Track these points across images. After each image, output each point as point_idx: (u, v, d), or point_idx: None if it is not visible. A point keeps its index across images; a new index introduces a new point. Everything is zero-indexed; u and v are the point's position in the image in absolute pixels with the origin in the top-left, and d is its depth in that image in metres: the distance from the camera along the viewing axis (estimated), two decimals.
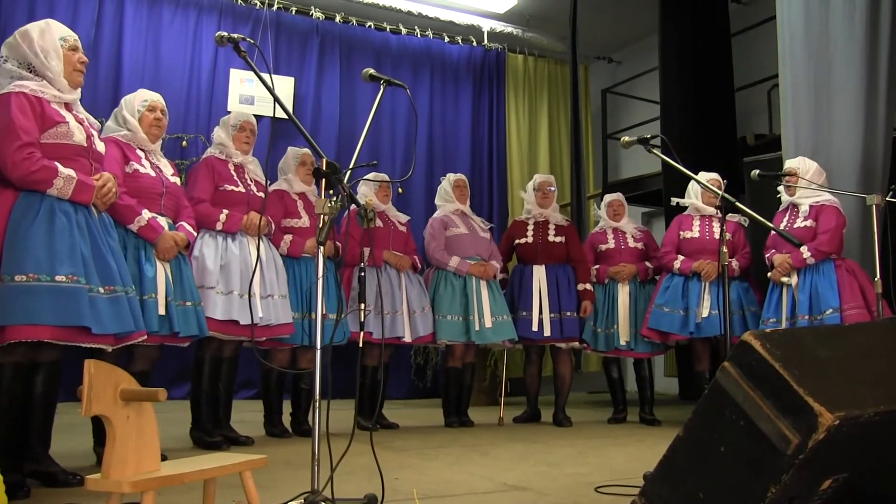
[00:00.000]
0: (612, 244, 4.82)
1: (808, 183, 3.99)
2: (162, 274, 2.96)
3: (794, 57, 4.55)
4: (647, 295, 4.72)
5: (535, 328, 4.50)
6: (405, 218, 4.58)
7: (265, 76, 2.20)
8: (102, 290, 2.48)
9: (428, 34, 7.05)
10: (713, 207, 4.44)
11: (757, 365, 1.52)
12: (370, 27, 6.82)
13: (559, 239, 4.68)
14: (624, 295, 4.68)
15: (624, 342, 4.62)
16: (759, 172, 3.76)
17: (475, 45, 7.33)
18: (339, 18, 6.66)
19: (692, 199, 4.60)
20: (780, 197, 4.22)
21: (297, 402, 4.00)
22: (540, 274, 4.61)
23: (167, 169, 3.20)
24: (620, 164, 7.86)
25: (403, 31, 6.98)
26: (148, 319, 2.80)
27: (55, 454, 2.61)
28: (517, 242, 4.77)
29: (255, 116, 3.91)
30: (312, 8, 6.57)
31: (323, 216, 2.07)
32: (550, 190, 4.77)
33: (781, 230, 3.82)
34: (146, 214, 2.94)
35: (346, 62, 6.69)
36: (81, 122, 2.64)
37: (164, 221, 3.05)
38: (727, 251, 4.25)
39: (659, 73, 6.22)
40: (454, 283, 4.44)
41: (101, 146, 2.73)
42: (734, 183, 4.71)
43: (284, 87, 6.25)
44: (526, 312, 4.55)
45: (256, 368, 4.86)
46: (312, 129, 6.29)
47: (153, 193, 3.05)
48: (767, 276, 4.11)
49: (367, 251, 4.19)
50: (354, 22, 6.76)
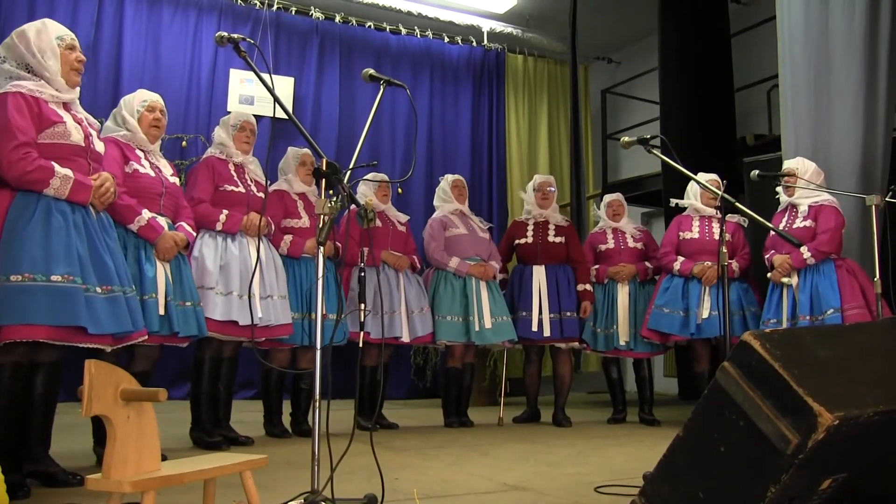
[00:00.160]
0: (611, 244, 4.82)
1: (806, 183, 3.99)
2: (162, 274, 2.96)
3: (793, 57, 4.55)
4: (646, 295, 4.72)
5: (534, 328, 4.50)
6: (405, 218, 4.58)
7: (265, 76, 2.20)
8: (100, 289, 2.47)
9: (428, 34, 7.05)
10: (712, 208, 4.44)
11: (757, 365, 1.52)
12: (370, 27, 6.82)
13: (559, 239, 4.69)
14: (623, 295, 4.69)
15: (623, 342, 4.62)
16: (758, 173, 3.76)
17: (475, 45, 7.33)
18: (338, 18, 6.67)
19: (691, 199, 4.61)
20: (778, 197, 4.22)
21: (296, 402, 4.00)
22: (540, 274, 4.61)
23: (166, 169, 3.20)
24: (620, 164, 7.86)
25: (403, 31, 6.98)
26: (148, 319, 2.80)
27: (55, 454, 2.61)
28: (517, 243, 4.77)
29: (255, 116, 3.91)
30: (312, 8, 6.56)
31: (323, 216, 2.07)
32: (550, 190, 4.77)
33: (781, 230, 3.83)
34: (146, 214, 2.94)
35: (345, 62, 6.69)
36: (80, 121, 2.64)
37: (163, 221, 3.04)
38: (727, 252, 4.32)
39: (658, 73, 6.22)
40: (454, 283, 4.44)
41: (99, 146, 2.72)
42: (734, 183, 4.71)
43: (284, 87, 6.25)
44: (526, 313, 4.55)
45: (256, 368, 4.86)
46: (312, 129, 6.29)
47: (153, 193, 3.05)
48: (767, 276, 4.11)
49: (365, 251, 4.20)
50: (354, 22, 6.76)
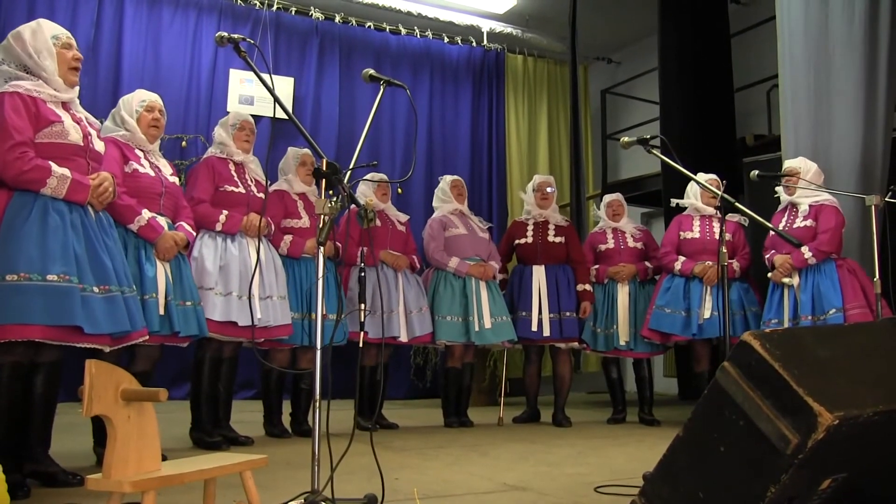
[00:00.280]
0: (611, 244, 4.82)
1: (807, 183, 4.00)
2: (162, 274, 2.96)
3: (793, 58, 4.55)
4: (646, 295, 4.72)
5: (534, 328, 4.50)
6: (405, 217, 4.58)
7: (265, 76, 2.20)
8: (97, 289, 2.46)
9: (427, 34, 7.05)
10: (713, 207, 4.44)
11: (757, 365, 1.52)
12: (370, 27, 6.83)
13: (559, 239, 4.69)
14: (623, 295, 4.69)
15: (623, 342, 4.62)
16: (758, 173, 3.77)
17: (475, 45, 7.33)
18: (338, 19, 6.67)
19: (691, 199, 4.60)
20: (778, 197, 4.22)
21: (296, 402, 4.00)
22: (539, 274, 4.61)
23: (166, 169, 3.19)
24: (620, 164, 7.86)
25: (403, 31, 6.98)
26: (148, 319, 2.80)
27: (55, 454, 2.61)
28: (517, 243, 4.77)
29: (254, 117, 3.91)
30: (312, 8, 6.56)
31: (323, 216, 2.07)
32: (549, 191, 4.77)
33: (780, 230, 3.83)
34: (146, 214, 2.94)
35: (345, 62, 6.70)
36: (79, 121, 2.63)
37: (163, 221, 3.04)
38: (727, 251, 4.32)
39: (658, 73, 6.22)
40: (453, 283, 4.44)
41: (99, 145, 2.71)
42: (733, 183, 4.71)
43: (284, 87, 6.25)
44: (525, 312, 4.55)
45: (256, 369, 4.86)
46: (312, 129, 6.29)
47: (152, 193, 3.05)
48: (768, 276, 4.11)
49: (364, 251, 4.20)
50: (354, 22, 6.76)
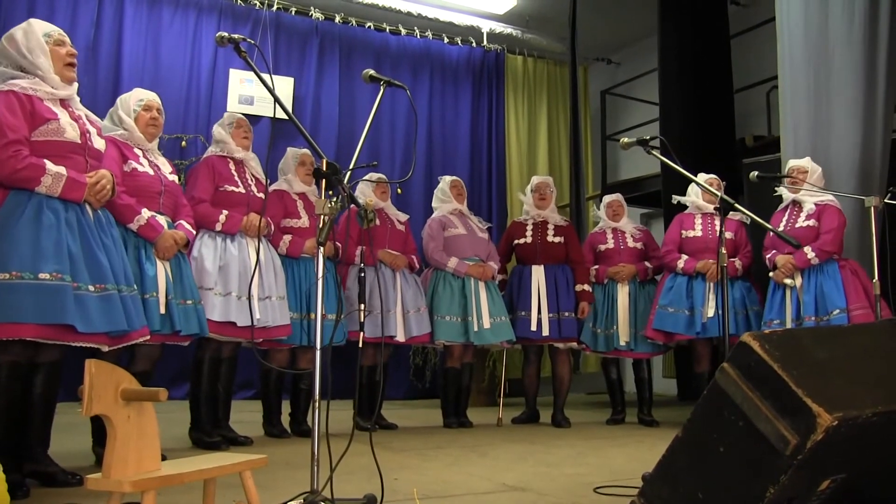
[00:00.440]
0: (611, 244, 4.82)
1: (810, 185, 4.00)
2: (162, 273, 2.95)
3: (792, 59, 4.56)
4: (646, 295, 4.72)
5: (533, 328, 4.51)
6: (404, 217, 4.58)
7: (265, 76, 2.20)
8: (92, 288, 2.44)
9: (427, 35, 7.06)
10: (714, 205, 4.43)
11: (756, 366, 1.53)
12: (370, 28, 6.83)
13: (558, 239, 4.69)
14: (623, 295, 4.68)
15: (624, 342, 4.61)
16: (757, 174, 3.77)
17: (475, 45, 7.33)
18: (338, 19, 6.67)
19: (693, 197, 4.58)
20: (778, 195, 4.22)
21: (296, 402, 4.00)
22: (539, 274, 4.61)
23: (165, 167, 3.19)
24: (619, 165, 7.87)
25: (403, 31, 6.98)
26: (149, 318, 2.79)
27: (54, 454, 2.61)
28: (516, 243, 4.78)
29: (255, 117, 3.92)
30: (312, 8, 6.56)
31: (323, 216, 2.07)
32: (548, 192, 4.78)
33: (780, 231, 3.83)
34: (146, 213, 2.94)
35: (345, 63, 6.70)
36: (77, 118, 2.62)
37: (162, 220, 3.04)
38: (727, 252, 4.31)
39: (658, 74, 6.22)
40: (453, 283, 4.44)
41: (99, 143, 2.70)
42: (733, 184, 4.71)
43: (284, 87, 6.25)
44: (525, 312, 4.55)
45: (255, 369, 4.86)
46: (312, 129, 6.29)
47: (152, 192, 3.04)
48: (770, 275, 4.10)
49: (361, 250, 4.20)
50: (354, 22, 6.76)
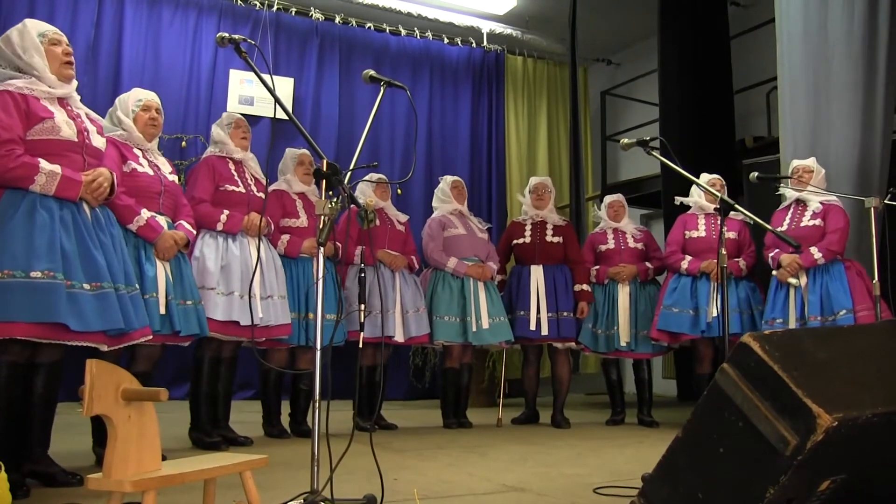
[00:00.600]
0: (612, 244, 4.82)
1: (814, 185, 4.01)
2: (162, 273, 2.95)
3: (792, 59, 4.56)
4: (647, 295, 4.72)
5: (532, 328, 4.51)
6: (404, 217, 4.58)
7: (265, 77, 2.20)
8: (88, 286, 2.41)
9: (427, 35, 7.06)
10: (715, 206, 4.42)
11: (756, 366, 1.53)
12: (370, 28, 6.83)
13: (557, 239, 4.69)
14: (624, 296, 4.68)
15: (624, 343, 4.60)
16: (757, 175, 3.78)
17: (475, 46, 7.33)
18: (338, 19, 6.67)
19: (695, 197, 4.55)
20: (780, 194, 4.21)
21: (295, 402, 4.00)
22: (538, 274, 4.61)
23: (165, 167, 3.19)
24: (619, 165, 7.87)
25: (403, 32, 6.98)
26: (149, 319, 2.78)
27: (54, 454, 2.61)
28: (515, 242, 4.78)
29: (254, 117, 3.92)
30: (312, 9, 6.57)
31: (323, 217, 2.07)
32: (546, 192, 4.78)
33: (779, 231, 3.83)
34: (145, 214, 2.93)
35: (345, 63, 6.70)
36: (75, 117, 2.61)
37: (162, 220, 3.03)
38: (731, 252, 4.32)
39: (658, 75, 6.22)
40: (452, 283, 4.44)
41: (99, 141, 2.68)
42: (733, 185, 4.71)
43: (284, 87, 6.25)
44: (524, 312, 4.55)
45: (255, 369, 4.85)
46: (312, 129, 6.28)
47: (151, 192, 3.04)
48: (773, 274, 4.08)
49: (360, 250, 4.20)
50: (354, 23, 6.77)
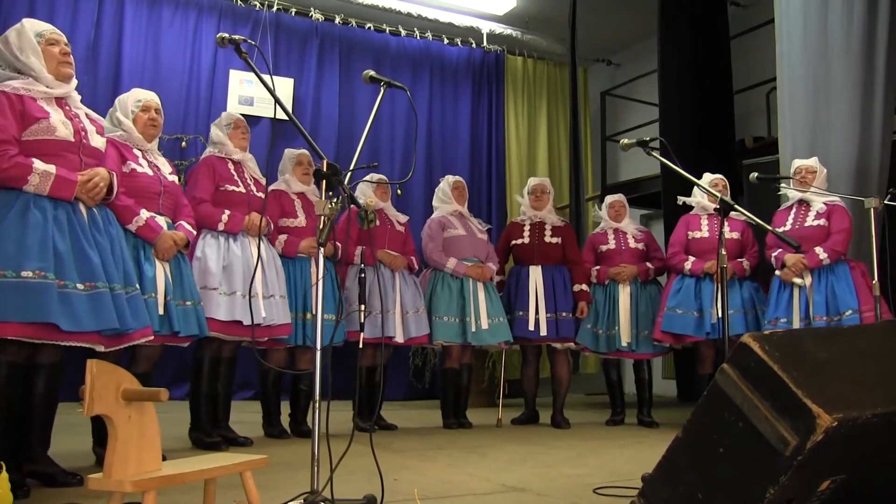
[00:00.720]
0: (612, 245, 4.81)
1: (817, 186, 4.01)
2: (161, 273, 2.95)
3: (792, 60, 4.56)
4: (648, 296, 4.71)
5: (531, 328, 4.51)
6: (404, 218, 4.58)
7: (266, 77, 2.20)
8: (81, 286, 2.39)
9: (427, 36, 7.06)
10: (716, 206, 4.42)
11: (756, 366, 1.53)
12: (370, 29, 6.83)
13: (555, 240, 4.69)
14: (625, 296, 4.67)
15: (625, 343, 4.60)
16: (757, 175, 3.78)
17: (474, 46, 7.33)
18: (338, 20, 6.67)
19: (698, 197, 4.53)
20: (781, 195, 4.21)
21: (295, 402, 4.00)
22: (536, 274, 4.61)
23: (165, 167, 3.18)
24: (619, 166, 7.87)
25: (403, 32, 6.98)
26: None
27: (54, 454, 2.61)
28: (514, 243, 4.78)
29: (254, 118, 3.92)
30: (312, 9, 6.57)
31: (323, 217, 2.07)
32: (544, 193, 4.78)
33: (779, 232, 3.83)
34: (144, 214, 2.92)
35: (345, 63, 6.70)
36: (72, 116, 2.60)
37: (162, 221, 3.03)
38: (734, 252, 4.32)
39: (658, 75, 6.23)
40: (451, 284, 4.44)
41: (98, 141, 2.67)
42: (733, 185, 4.70)
43: (284, 88, 6.25)
44: (522, 312, 4.56)
45: (255, 369, 4.85)
46: (312, 130, 6.28)
47: (151, 193, 3.04)
48: (776, 274, 4.08)
49: (360, 250, 4.20)
50: (354, 23, 6.77)
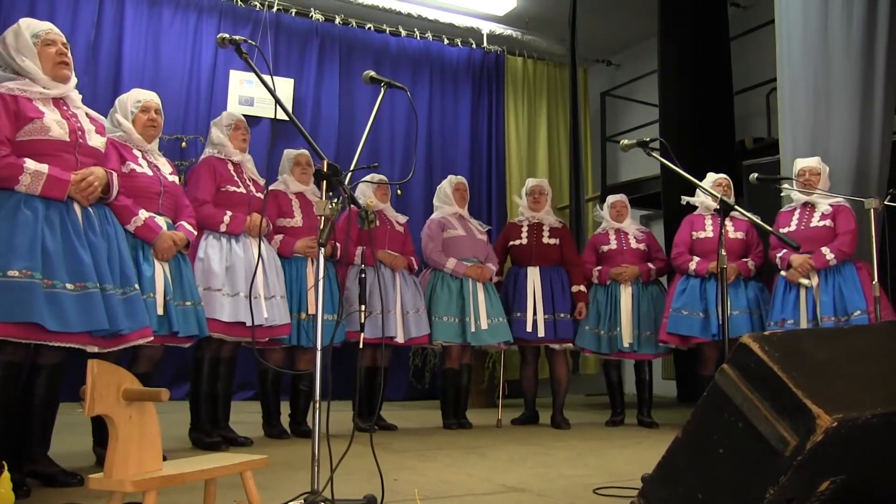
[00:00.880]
0: (614, 245, 4.81)
1: (822, 188, 4.00)
2: (160, 274, 2.95)
3: (792, 60, 4.57)
4: (649, 296, 4.71)
5: (529, 329, 4.51)
6: (403, 218, 4.59)
7: (266, 78, 2.20)
8: (71, 286, 2.37)
9: (427, 36, 7.06)
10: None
11: (755, 367, 1.53)
12: (370, 29, 6.83)
13: (553, 241, 4.70)
14: (626, 296, 4.67)
15: (627, 344, 4.59)
16: (757, 176, 3.78)
17: (475, 47, 7.33)
18: (338, 20, 6.67)
19: (702, 197, 4.51)
20: (784, 196, 4.20)
21: (295, 403, 4.00)
22: (534, 275, 4.62)
23: (165, 167, 3.18)
24: (619, 166, 7.87)
25: (403, 33, 6.98)
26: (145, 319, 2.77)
27: (54, 454, 2.61)
28: (512, 244, 4.79)
29: (254, 118, 3.92)
30: (312, 9, 6.57)
31: (323, 217, 2.07)
32: (542, 194, 4.79)
33: (777, 232, 3.82)
34: (143, 215, 2.92)
35: (345, 64, 6.70)
36: (69, 116, 2.59)
37: (162, 221, 3.03)
38: (739, 252, 4.32)
39: (658, 76, 6.23)
40: (451, 284, 4.45)
41: (96, 141, 2.66)
42: (733, 186, 4.70)
43: (284, 88, 6.24)
44: (520, 314, 4.56)
45: (254, 369, 4.85)
46: (312, 130, 6.28)
47: (150, 193, 3.03)
48: (781, 274, 4.07)
49: (360, 250, 4.21)
50: (354, 24, 6.77)
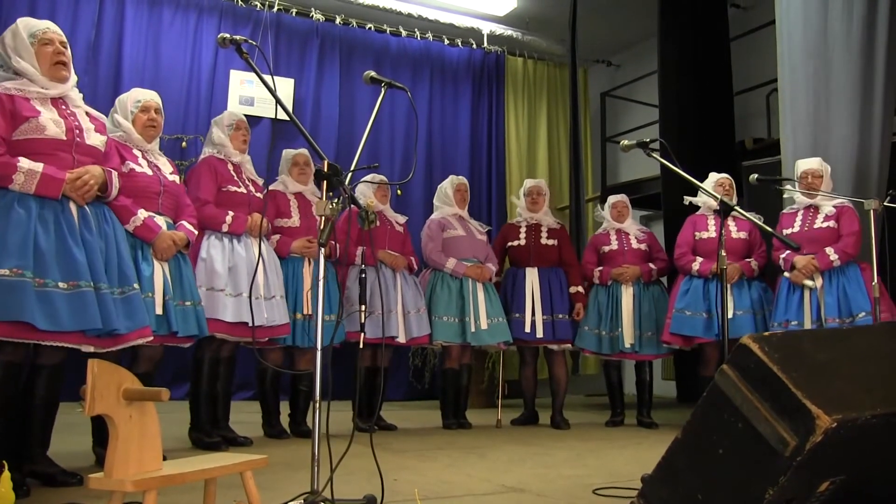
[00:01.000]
0: (615, 245, 4.81)
1: (824, 190, 4.00)
2: (159, 273, 2.94)
3: (792, 61, 4.57)
4: (650, 296, 4.70)
5: (527, 329, 4.52)
6: (403, 218, 4.59)
7: (266, 77, 2.20)
8: (64, 285, 2.36)
9: (428, 36, 7.06)
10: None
11: (755, 367, 1.53)
12: (370, 29, 6.83)
13: (551, 242, 4.70)
14: (628, 297, 4.66)
15: (629, 345, 4.58)
16: (757, 176, 3.78)
17: (475, 47, 7.34)
18: (339, 20, 6.67)
19: (705, 197, 4.48)
20: (786, 197, 4.20)
21: (294, 403, 4.00)
22: (532, 276, 4.62)
23: (166, 167, 3.18)
24: (619, 167, 7.87)
25: (403, 33, 6.99)
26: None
27: (54, 454, 2.61)
28: (510, 245, 4.79)
29: (255, 118, 3.92)
30: (312, 10, 6.57)
31: (323, 217, 2.07)
32: (541, 195, 4.79)
33: (777, 233, 3.83)
34: (142, 214, 2.92)
35: (345, 64, 6.70)
36: (67, 115, 2.58)
37: (162, 221, 3.03)
38: (739, 252, 4.32)
39: (658, 76, 6.23)
40: (451, 284, 4.45)
41: (95, 140, 2.65)
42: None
43: (284, 88, 6.25)
44: (519, 314, 4.57)
45: (254, 369, 4.85)
46: (312, 130, 6.28)
47: (150, 192, 3.03)
48: (784, 275, 4.06)
49: (361, 251, 4.21)
50: (354, 24, 6.77)
